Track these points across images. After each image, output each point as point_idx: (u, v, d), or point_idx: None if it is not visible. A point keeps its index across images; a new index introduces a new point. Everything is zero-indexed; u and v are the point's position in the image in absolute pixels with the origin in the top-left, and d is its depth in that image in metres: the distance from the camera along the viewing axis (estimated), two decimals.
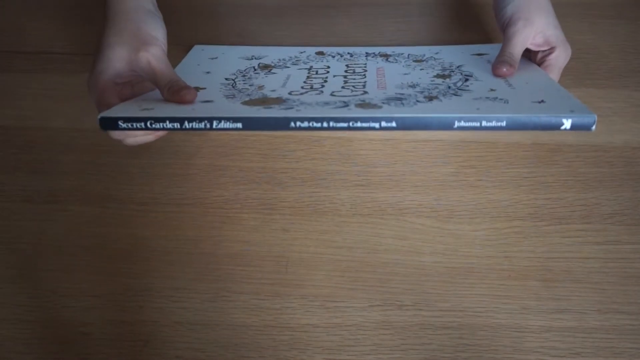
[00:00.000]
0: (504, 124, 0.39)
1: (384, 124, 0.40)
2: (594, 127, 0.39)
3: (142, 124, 0.41)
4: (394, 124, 0.40)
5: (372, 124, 0.40)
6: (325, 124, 0.40)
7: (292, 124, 0.40)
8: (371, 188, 0.58)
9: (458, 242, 0.57)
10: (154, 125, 0.41)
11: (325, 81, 0.50)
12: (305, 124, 0.40)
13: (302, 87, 0.49)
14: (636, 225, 0.57)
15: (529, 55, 0.53)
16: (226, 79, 0.51)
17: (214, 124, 0.40)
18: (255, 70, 0.54)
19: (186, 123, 0.40)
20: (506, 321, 0.55)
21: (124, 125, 0.41)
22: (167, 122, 0.41)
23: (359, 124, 0.40)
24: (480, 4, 0.62)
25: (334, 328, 0.56)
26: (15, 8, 0.63)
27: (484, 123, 0.39)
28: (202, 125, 0.41)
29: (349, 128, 0.40)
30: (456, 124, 0.40)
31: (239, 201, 0.59)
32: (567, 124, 0.39)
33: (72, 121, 0.61)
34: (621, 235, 0.56)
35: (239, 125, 0.40)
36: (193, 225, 0.58)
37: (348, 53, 0.58)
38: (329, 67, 0.54)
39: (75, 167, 0.60)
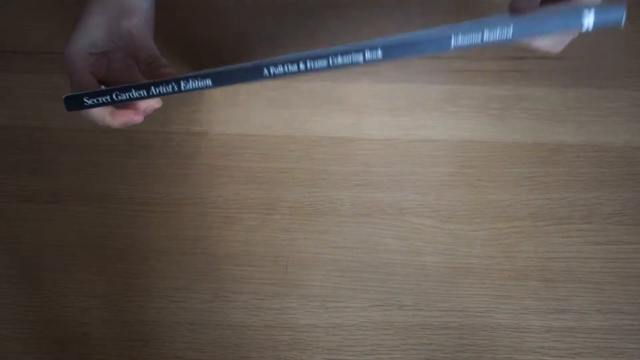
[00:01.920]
0: (510, 32, 0.34)
1: (368, 55, 0.36)
2: (623, 21, 0.32)
3: (107, 97, 0.40)
4: (379, 54, 0.36)
5: (355, 57, 0.36)
6: (302, 66, 0.37)
7: (266, 72, 0.37)
8: (371, 188, 0.58)
9: (458, 242, 0.57)
10: (119, 97, 0.39)
11: None
12: (280, 69, 0.37)
13: None
14: (637, 225, 0.56)
15: None
16: None
17: (182, 84, 0.38)
18: None
19: (152, 88, 0.39)
20: (506, 321, 0.55)
21: (89, 102, 0.40)
22: (133, 90, 0.39)
23: (339, 59, 0.36)
24: (480, 4, 0.61)
25: (334, 328, 0.56)
26: (15, 8, 0.63)
27: (486, 35, 0.34)
28: (169, 88, 0.39)
29: (329, 67, 0.37)
30: (453, 42, 0.35)
31: (239, 201, 0.59)
32: (589, 19, 0.33)
33: (72, 121, 0.61)
34: (622, 235, 0.56)
35: (209, 81, 0.38)
36: (193, 225, 0.58)
37: None
38: None
39: (75, 167, 0.60)
